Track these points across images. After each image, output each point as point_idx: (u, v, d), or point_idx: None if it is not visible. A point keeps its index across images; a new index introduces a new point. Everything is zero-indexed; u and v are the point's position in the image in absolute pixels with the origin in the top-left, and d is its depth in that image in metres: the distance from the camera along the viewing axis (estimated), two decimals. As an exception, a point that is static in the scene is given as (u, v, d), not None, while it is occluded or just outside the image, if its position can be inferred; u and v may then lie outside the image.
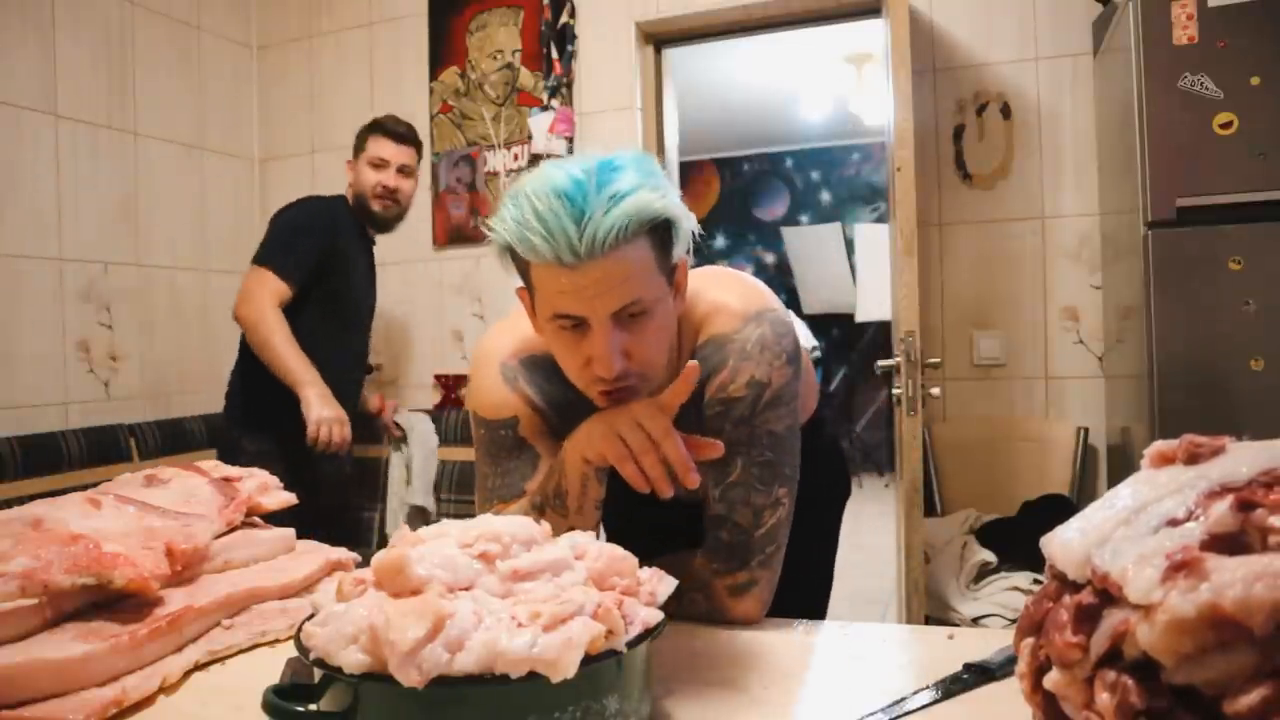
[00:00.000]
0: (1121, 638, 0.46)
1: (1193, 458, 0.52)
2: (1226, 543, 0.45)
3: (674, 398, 0.87)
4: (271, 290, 2.21)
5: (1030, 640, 0.53)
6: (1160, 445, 0.54)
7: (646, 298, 0.87)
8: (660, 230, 0.87)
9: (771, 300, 1.04)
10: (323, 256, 2.31)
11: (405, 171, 2.46)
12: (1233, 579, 0.42)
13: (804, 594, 1.17)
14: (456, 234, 3.04)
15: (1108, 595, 0.48)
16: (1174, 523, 0.47)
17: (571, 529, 0.86)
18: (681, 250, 0.92)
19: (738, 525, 0.97)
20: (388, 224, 2.49)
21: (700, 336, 1.01)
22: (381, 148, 2.42)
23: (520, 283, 0.95)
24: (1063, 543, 0.52)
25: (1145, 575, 0.45)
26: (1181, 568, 0.44)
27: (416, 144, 2.50)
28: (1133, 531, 0.48)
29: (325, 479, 2.37)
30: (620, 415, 0.88)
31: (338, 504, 2.55)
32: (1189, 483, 0.49)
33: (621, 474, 0.87)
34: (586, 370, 0.90)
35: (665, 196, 0.86)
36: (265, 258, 2.26)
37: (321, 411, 2.18)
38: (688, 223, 0.90)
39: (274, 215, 2.37)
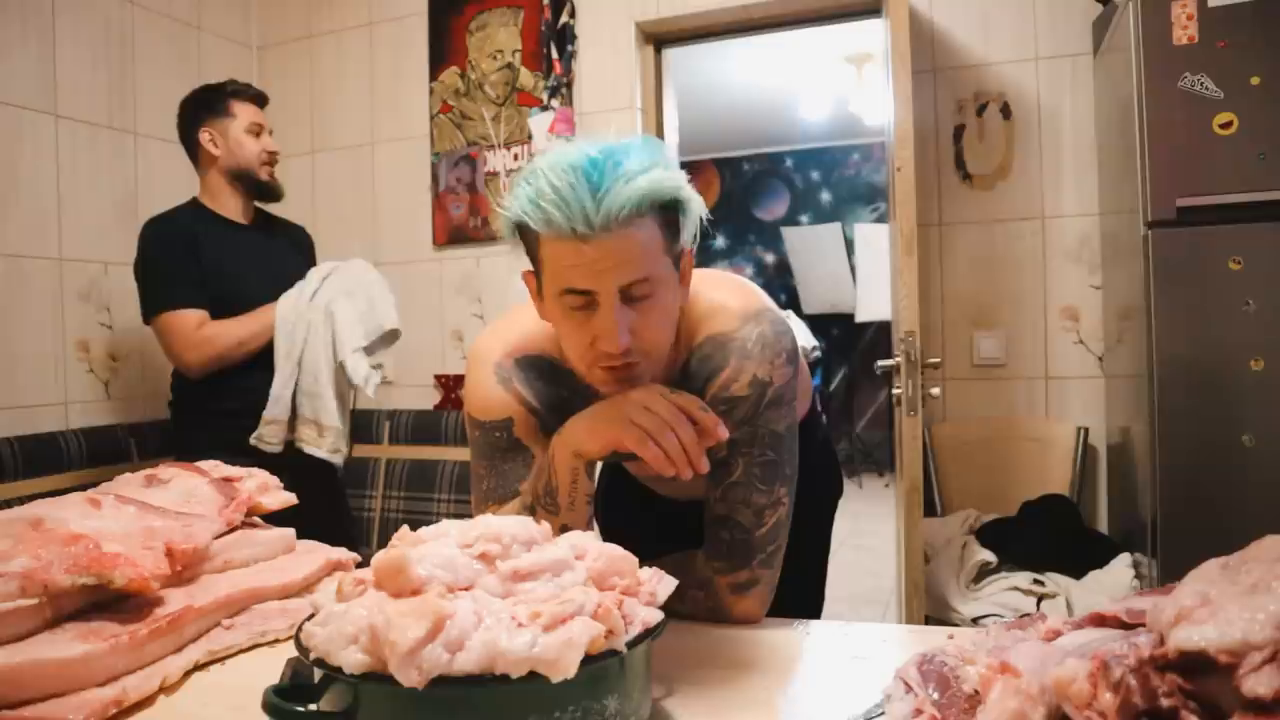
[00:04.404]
0: None
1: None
2: None
3: (683, 399, 0.88)
4: (192, 324, 2.08)
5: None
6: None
7: (653, 277, 0.88)
8: (669, 212, 0.89)
9: (768, 301, 1.05)
10: (201, 262, 2.11)
11: (272, 135, 2.26)
12: None
13: (799, 592, 1.18)
14: (456, 234, 3.04)
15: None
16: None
17: (565, 527, 0.86)
18: (689, 236, 0.93)
19: (739, 525, 0.97)
20: (277, 193, 2.26)
21: (698, 335, 1.01)
22: (253, 112, 2.20)
23: (528, 266, 0.95)
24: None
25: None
26: None
27: None
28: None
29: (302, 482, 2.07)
30: (625, 402, 0.88)
31: (325, 510, 2.23)
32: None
33: (643, 456, 0.87)
34: (592, 350, 0.90)
35: (676, 178, 0.88)
36: (160, 304, 2.09)
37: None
38: (697, 207, 0.92)
39: (134, 266, 2.16)
